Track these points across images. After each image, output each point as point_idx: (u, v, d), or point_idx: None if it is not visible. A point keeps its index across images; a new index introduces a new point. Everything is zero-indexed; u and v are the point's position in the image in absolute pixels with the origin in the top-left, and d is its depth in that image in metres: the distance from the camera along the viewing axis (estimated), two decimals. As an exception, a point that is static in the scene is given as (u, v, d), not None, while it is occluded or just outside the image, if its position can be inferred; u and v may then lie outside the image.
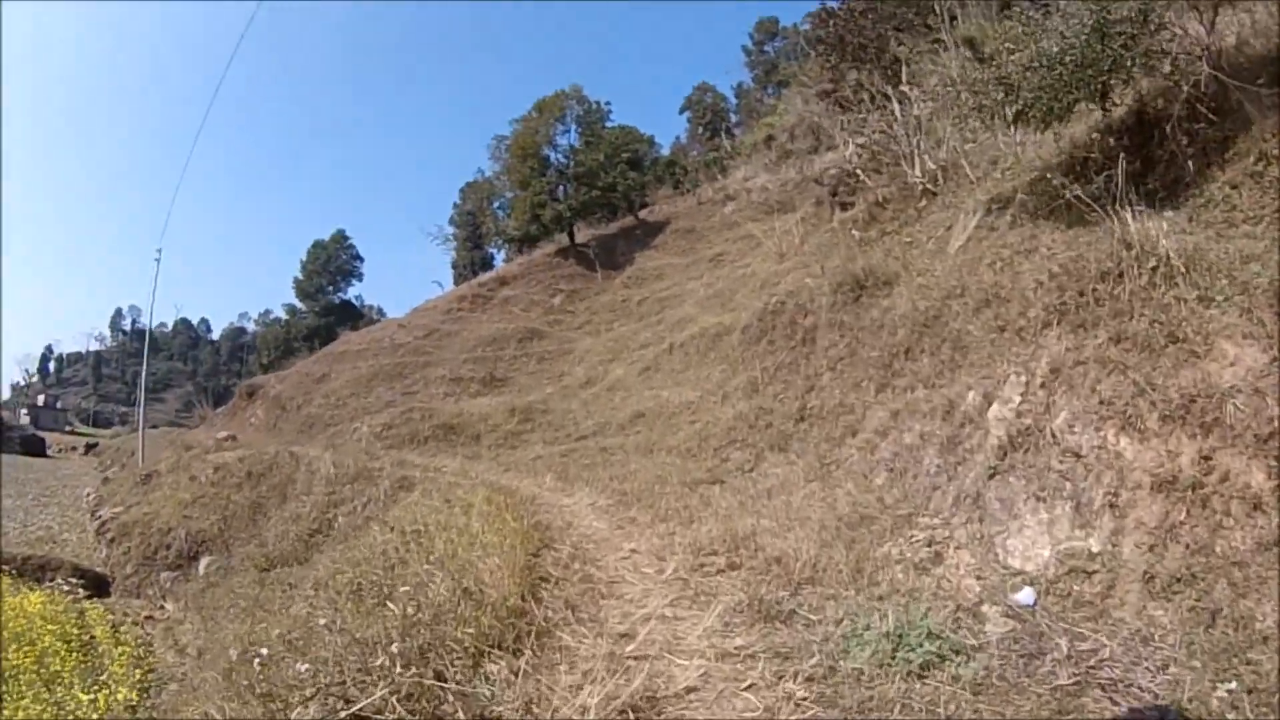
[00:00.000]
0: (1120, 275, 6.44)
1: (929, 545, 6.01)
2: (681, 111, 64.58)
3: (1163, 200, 7.56)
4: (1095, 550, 5.18)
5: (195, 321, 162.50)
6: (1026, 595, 5.03)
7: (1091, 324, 6.41)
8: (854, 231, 15.08)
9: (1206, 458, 5.05)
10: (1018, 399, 6.55)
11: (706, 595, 5.80)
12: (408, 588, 5.50)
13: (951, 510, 6.38)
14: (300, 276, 71.30)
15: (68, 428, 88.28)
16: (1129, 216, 6.78)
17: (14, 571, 14.23)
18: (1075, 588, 5.04)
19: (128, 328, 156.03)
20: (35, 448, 55.93)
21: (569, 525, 8.76)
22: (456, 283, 56.01)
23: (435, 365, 34.41)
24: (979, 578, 5.46)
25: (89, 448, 58.56)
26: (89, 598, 13.34)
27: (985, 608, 5.02)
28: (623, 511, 9.27)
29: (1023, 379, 6.66)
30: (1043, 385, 6.41)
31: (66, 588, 12.60)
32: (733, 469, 10.39)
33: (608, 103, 48.92)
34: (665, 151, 56.88)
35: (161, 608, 14.47)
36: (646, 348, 23.87)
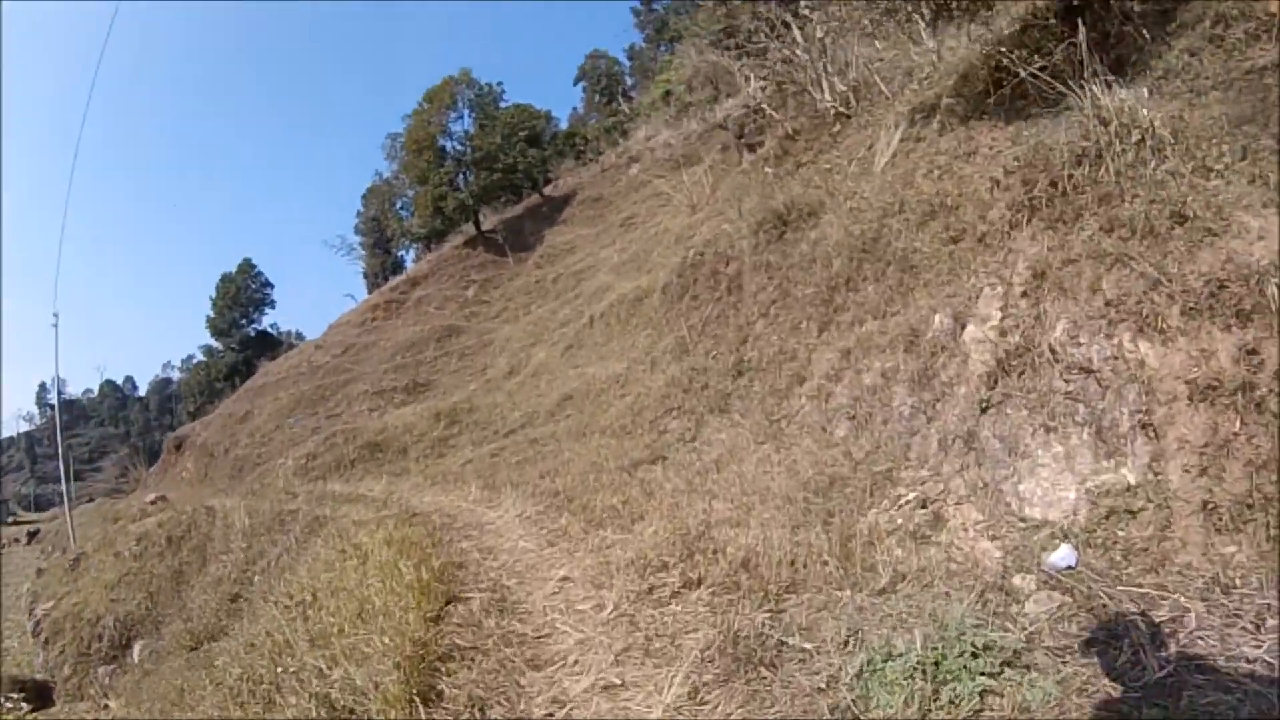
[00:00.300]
0: (1099, 156, 5.36)
1: (923, 505, 4.85)
2: (576, 82, 62.84)
3: (1113, 81, 6.53)
4: (1133, 482, 4.09)
5: (120, 381, 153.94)
6: (1065, 555, 3.90)
7: (1073, 216, 5.32)
8: (766, 169, 14.13)
9: (1252, 351, 4.00)
10: (997, 315, 5.43)
11: (662, 639, 4.44)
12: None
13: (939, 457, 5.24)
14: (212, 314, 67.44)
15: (10, 519, 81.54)
16: (1097, 90, 5.70)
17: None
18: (1119, 533, 3.94)
19: (54, 401, 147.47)
20: None
21: (490, 552, 7.36)
22: (370, 292, 53.51)
23: (356, 381, 32.64)
24: (995, 538, 4.32)
25: (30, 536, 53.73)
26: (34, 710, 11.76)
27: (1017, 580, 3.87)
28: (554, 519, 7.86)
29: (998, 290, 5.55)
30: (1024, 294, 5.30)
31: (9, 704, 10.97)
32: (673, 441, 9.15)
33: (500, 84, 46.91)
34: (564, 125, 55.27)
35: (105, 707, 12.75)
36: (566, 325, 22.67)
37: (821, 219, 9.91)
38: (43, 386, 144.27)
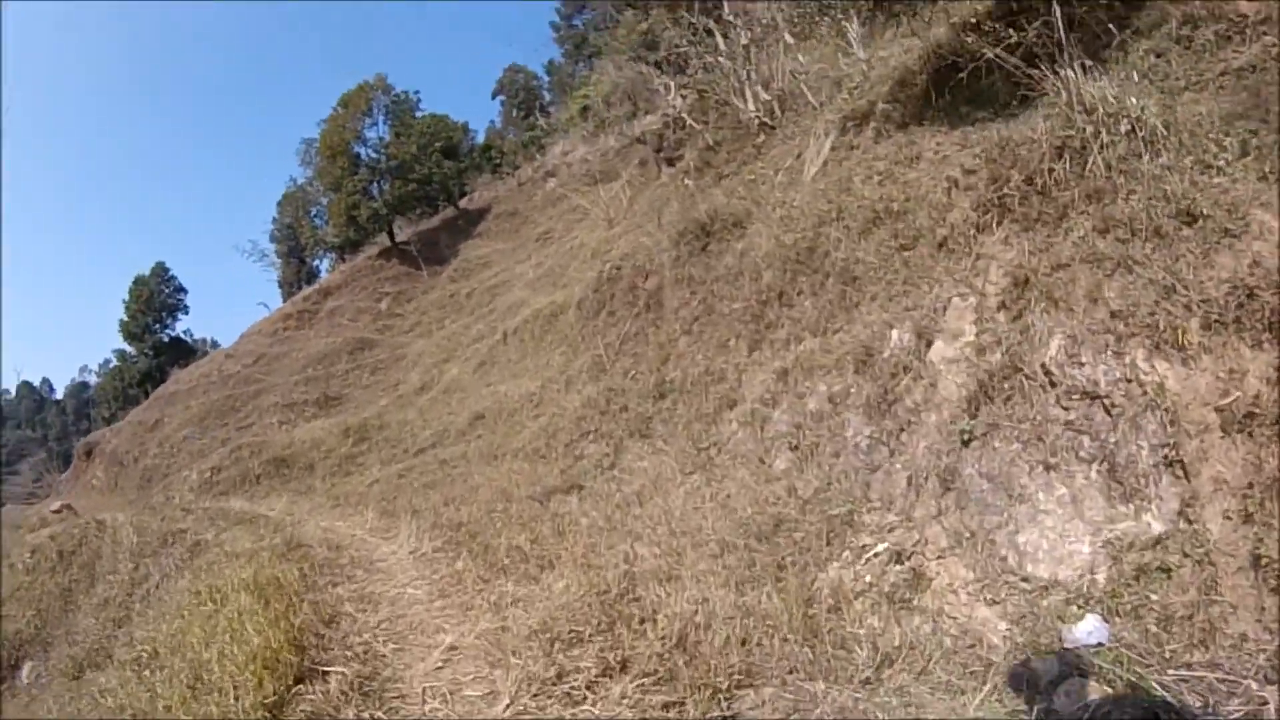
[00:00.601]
0: (1083, 148, 4.59)
1: (897, 560, 3.92)
2: (494, 96, 61.31)
3: (1091, 67, 5.85)
4: (1161, 532, 3.27)
5: (37, 383, 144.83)
6: (1092, 628, 3.02)
7: (1055, 216, 4.53)
8: (686, 181, 13.39)
9: (1292, 372, 3.24)
10: (971, 329, 4.60)
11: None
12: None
13: (909, 498, 4.32)
14: (125, 318, 63.23)
15: None
16: (1074, 76, 4.96)
17: None
18: (1152, 597, 3.11)
19: None
20: None
21: (370, 602, 6.19)
22: (285, 301, 50.86)
23: (267, 392, 30.80)
24: (994, 602, 3.43)
25: None
26: None
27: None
28: (451, 560, 6.72)
29: (970, 301, 4.72)
30: (1003, 305, 4.49)
31: None
32: (590, 468, 8.12)
33: (416, 92, 45.11)
34: (481, 138, 53.79)
35: None
36: (480, 341, 21.61)
37: (748, 229, 9.14)
38: None
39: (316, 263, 57.96)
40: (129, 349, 64.74)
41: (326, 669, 4.61)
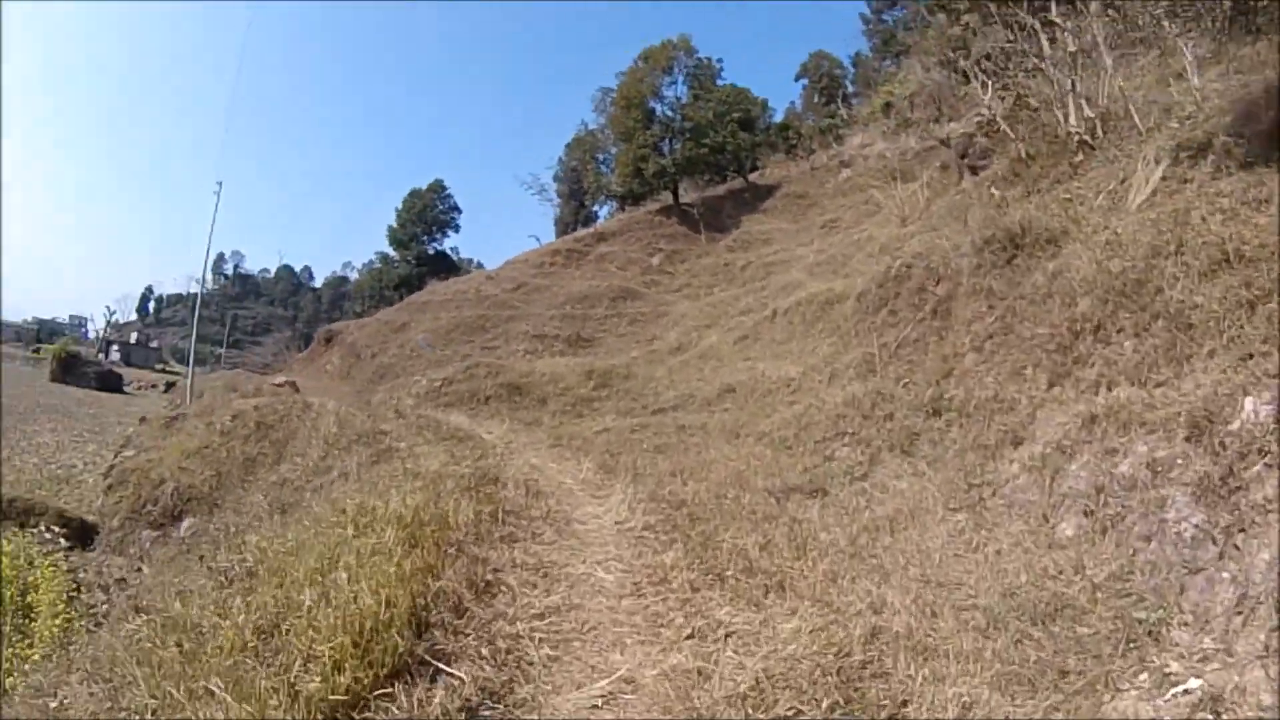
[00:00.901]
0: None
1: (1212, 710, 3.03)
2: (797, 79, 60.70)
3: None
4: None
5: (299, 269, 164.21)
6: None
7: None
8: (993, 190, 12.31)
9: None
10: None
11: None
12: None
13: (1233, 622, 3.36)
14: (394, 225, 68.24)
15: (159, 365, 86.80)
16: None
17: (-11, 514, 12.42)
18: None
19: (229, 272, 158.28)
20: (111, 383, 53.90)
21: (542, 574, 5.31)
22: (557, 239, 53.31)
23: (519, 320, 32.21)
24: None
25: (168, 386, 55.76)
26: (70, 549, 11.53)
27: None
28: (661, 548, 5.90)
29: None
30: None
31: (49, 536, 10.79)
32: (838, 473, 7.51)
33: (719, 60, 45.34)
34: (778, 118, 53.08)
35: (139, 569, 12.10)
36: (747, 314, 21.31)
37: (1063, 249, 8.04)
38: (221, 257, 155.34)
39: (596, 208, 60.46)
40: (393, 254, 70.18)
41: (442, 667, 3.73)
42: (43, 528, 11.91)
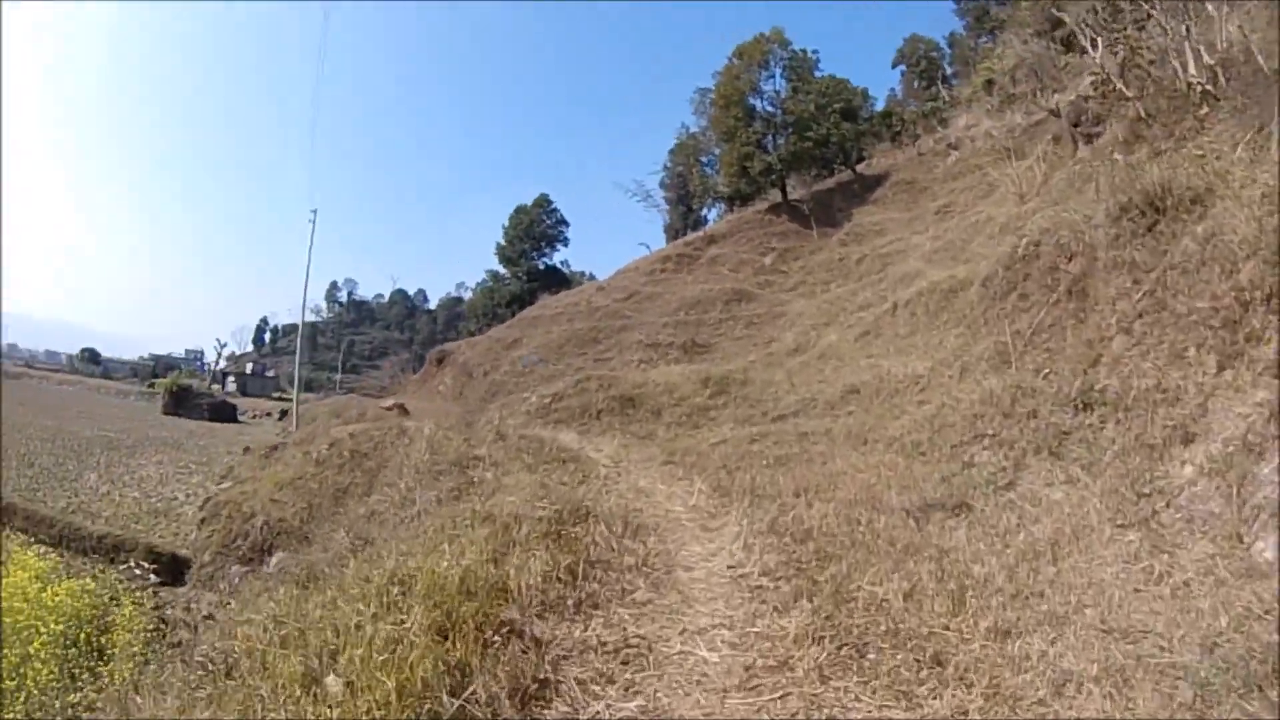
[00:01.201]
0: None
1: None
2: (894, 66, 59.16)
3: None
4: None
5: (413, 292, 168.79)
6: None
7: None
8: (1116, 155, 11.32)
9: None
10: None
11: None
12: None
13: None
14: (503, 243, 68.94)
15: (276, 394, 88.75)
16: None
17: (83, 550, 12.77)
18: None
19: (343, 299, 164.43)
20: (225, 414, 55.54)
21: (623, 658, 4.12)
22: (667, 245, 53.00)
23: (632, 329, 32.00)
24: None
25: (282, 414, 56.14)
26: (161, 585, 11.75)
27: None
28: (783, 606, 4.78)
29: None
30: None
31: (138, 572, 11.07)
32: (980, 482, 6.75)
33: (815, 51, 44.27)
34: (880, 106, 51.73)
35: (227, 604, 11.96)
36: (866, 309, 20.50)
37: (1211, 209, 7.16)
38: (334, 285, 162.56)
39: (704, 211, 59.93)
40: (502, 271, 70.97)
41: None
42: (132, 563, 12.16)
